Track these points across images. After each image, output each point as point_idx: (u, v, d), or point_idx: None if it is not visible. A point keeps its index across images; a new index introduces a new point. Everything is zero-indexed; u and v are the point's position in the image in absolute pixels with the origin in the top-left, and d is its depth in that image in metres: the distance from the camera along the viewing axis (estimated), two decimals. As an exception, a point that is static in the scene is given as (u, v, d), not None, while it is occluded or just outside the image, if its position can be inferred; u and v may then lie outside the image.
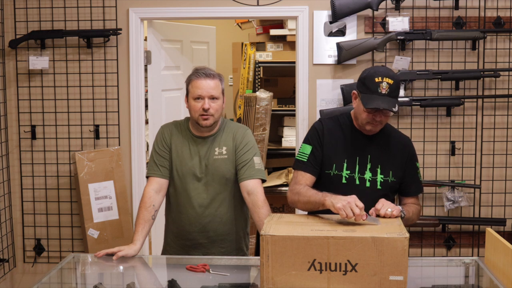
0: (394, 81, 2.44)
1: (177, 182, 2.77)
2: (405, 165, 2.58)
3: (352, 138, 2.57)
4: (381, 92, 2.42)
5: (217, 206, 2.76)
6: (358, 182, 2.54)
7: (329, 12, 3.61)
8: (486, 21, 3.57)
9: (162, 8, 3.69)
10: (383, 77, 2.43)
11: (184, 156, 2.76)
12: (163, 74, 4.15)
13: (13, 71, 3.75)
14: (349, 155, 2.55)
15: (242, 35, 5.79)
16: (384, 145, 2.58)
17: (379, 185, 2.53)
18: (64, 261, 2.55)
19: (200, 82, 2.67)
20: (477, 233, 3.69)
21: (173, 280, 2.28)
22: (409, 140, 2.67)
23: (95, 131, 3.74)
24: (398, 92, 2.48)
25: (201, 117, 2.67)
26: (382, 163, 2.54)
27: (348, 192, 2.47)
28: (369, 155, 2.55)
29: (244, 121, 5.06)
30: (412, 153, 2.62)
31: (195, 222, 2.76)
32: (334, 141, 2.57)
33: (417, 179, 2.63)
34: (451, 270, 2.57)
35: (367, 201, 2.43)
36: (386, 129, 2.60)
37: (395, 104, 2.43)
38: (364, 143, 2.56)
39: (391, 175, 2.54)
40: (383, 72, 2.46)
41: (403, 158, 2.58)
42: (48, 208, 3.82)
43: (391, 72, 2.49)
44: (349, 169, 2.54)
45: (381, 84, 2.42)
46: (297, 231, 2.06)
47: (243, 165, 2.72)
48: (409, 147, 2.62)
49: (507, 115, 3.65)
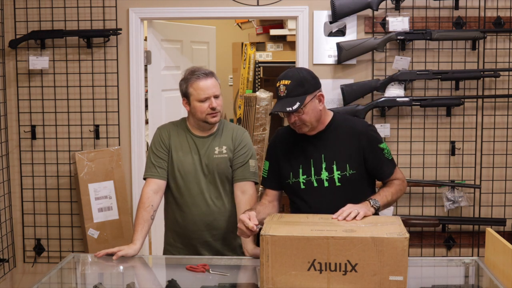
0: (292, 80, 2.43)
1: (180, 182, 2.78)
2: (363, 152, 2.49)
3: (303, 143, 2.55)
4: (280, 95, 2.44)
5: (220, 204, 2.79)
6: (316, 184, 2.50)
7: (329, 12, 3.61)
8: (486, 21, 3.57)
9: (162, 8, 3.69)
10: (280, 80, 2.45)
11: (185, 156, 2.77)
12: (163, 74, 4.15)
13: (13, 71, 3.75)
14: (303, 160, 2.53)
15: (242, 35, 5.79)
16: (335, 140, 2.52)
17: (337, 182, 2.48)
18: (64, 261, 2.55)
19: (203, 83, 2.69)
20: (477, 233, 3.69)
21: (173, 280, 2.28)
22: (363, 126, 2.56)
23: (95, 131, 3.74)
24: (300, 89, 2.42)
25: (210, 115, 2.71)
26: (336, 159, 2.49)
27: (309, 197, 2.51)
28: (323, 155, 2.51)
29: (244, 121, 5.06)
30: (369, 137, 2.51)
31: (199, 220, 2.77)
32: (287, 150, 2.58)
33: (385, 160, 2.52)
34: (451, 270, 2.57)
35: (329, 201, 2.43)
36: (337, 123, 2.55)
37: (294, 102, 2.40)
38: (314, 144, 2.52)
39: (348, 168, 2.48)
40: (282, 76, 2.47)
41: (358, 145, 2.49)
42: (48, 208, 3.81)
43: (291, 73, 2.47)
44: (305, 174, 2.52)
45: (279, 88, 2.45)
46: (297, 231, 2.06)
47: (238, 166, 2.77)
48: (364, 132, 2.51)
49: (507, 115, 3.65)
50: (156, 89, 4.06)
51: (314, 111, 2.45)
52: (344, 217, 2.23)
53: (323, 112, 2.52)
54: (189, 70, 2.76)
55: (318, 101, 2.47)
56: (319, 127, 2.51)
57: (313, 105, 2.45)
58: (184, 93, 2.76)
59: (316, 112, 2.46)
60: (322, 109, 2.49)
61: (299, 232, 2.05)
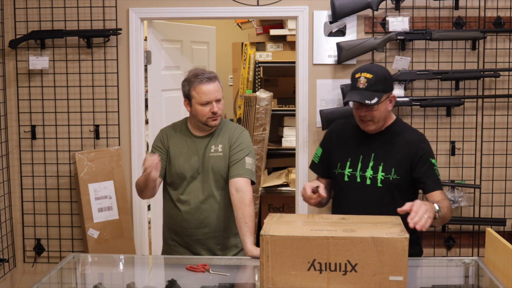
0: (374, 75, 2.49)
1: (176, 179, 2.84)
2: (412, 163, 2.55)
3: (358, 138, 2.63)
4: (359, 87, 2.49)
5: (213, 202, 2.82)
6: (359, 179, 2.58)
7: (329, 12, 3.61)
8: (486, 21, 3.57)
9: (162, 8, 3.69)
10: (362, 72, 2.52)
11: (183, 155, 2.83)
12: (163, 74, 4.15)
13: (13, 71, 3.75)
14: (353, 154, 2.61)
15: (242, 35, 5.79)
16: (390, 144, 2.59)
17: (379, 183, 2.55)
18: (64, 261, 2.55)
19: (206, 88, 2.73)
20: (477, 233, 3.69)
21: (173, 280, 2.28)
22: (420, 138, 2.63)
23: (95, 131, 3.74)
24: (380, 86, 2.49)
25: (210, 119, 2.76)
26: (384, 161, 2.56)
27: (350, 190, 2.57)
28: (373, 154, 2.58)
29: (244, 121, 5.07)
30: (422, 150, 2.57)
31: (191, 218, 2.81)
32: (342, 141, 2.67)
33: (433, 175, 2.56)
34: (451, 270, 2.57)
35: (367, 199, 2.49)
36: (397, 128, 2.63)
37: (373, 97, 2.46)
38: (369, 142, 2.61)
39: (393, 172, 2.54)
40: (364, 68, 2.55)
41: (410, 155, 2.55)
42: (48, 208, 3.82)
43: (375, 68, 2.54)
44: (351, 167, 2.59)
45: (359, 79, 2.50)
46: (297, 231, 2.06)
47: (234, 163, 2.78)
48: (419, 144, 2.59)
49: (507, 115, 3.65)
50: (156, 89, 4.06)
51: (385, 111, 2.55)
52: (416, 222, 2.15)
53: (389, 114, 2.62)
54: (192, 72, 2.78)
55: (389, 102, 2.57)
56: (380, 127, 2.60)
57: (385, 104, 2.54)
58: (186, 94, 2.80)
59: (386, 112, 2.56)
60: (390, 110, 2.59)
61: (299, 232, 2.05)
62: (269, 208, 5.05)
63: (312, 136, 3.69)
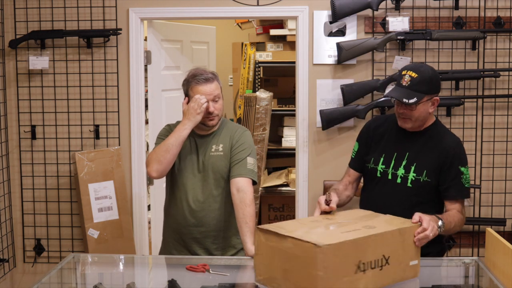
0: (420, 75, 2.49)
1: (177, 177, 2.85)
2: (443, 167, 2.54)
3: (395, 136, 2.64)
4: (402, 84, 2.50)
5: (212, 201, 2.82)
6: (390, 177, 2.59)
7: (329, 12, 3.61)
8: (486, 21, 3.57)
9: (162, 8, 3.69)
10: (408, 70, 2.52)
11: (184, 153, 2.83)
12: (163, 74, 4.15)
13: (13, 71, 3.75)
14: (387, 151, 2.63)
15: (242, 35, 5.79)
16: (425, 145, 2.59)
17: (409, 183, 2.55)
18: (64, 261, 2.55)
19: (202, 88, 2.75)
20: (477, 233, 3.69)
21: (173, 280, 2.28)
22: (454, 142, 2.61)
23: (95, 131, 3.74)
24: (423, 87, 2.48)
25: (207, 119, 2.77)
26: (418, 161, 2.56)
27: (380, 186, 2.60)
28: (407, 153, 2.58)
29: (244, 121, 5.07)
30: (455, 156, 2.56)
31: (190, 216, 2.82)
32: (378, 137, 2.68)
33: (458, 183, 2.55)
34: (451, 270, 2.57)
35: (396, 198, 2.50)
36: (435, 130, 2.62)
37: (413, 96, 2.46)
38: (405, 141, 2.61)
39: (425, 174, 2.54)
40: (412, 66, 2.55)
41: (442, 159, 2.54)
42: (48, 208, 3.82)
43: (423, 68, 2.54)
44: (384, 164, 2.62)
45: (404, 77, 2.51)
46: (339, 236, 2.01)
47: (235, 163, 2.78)
48: (453, 149, 2.56)
49: (507, 115, 3.65)
50: (156, 89, 4.06)
51: (424, 111, 2.53)
52: (419, 239, 2.19)
53: (429, 115, 2.59)
54: (191, 72, 2.81)
55: (431, 104, 2.55)
56: (418, 128, 2.59)
57: (426, 106, 2.53)
58: (185, 93, 2.84)
59: (425, 113, 2.54)
60: (431, 112, 2.57)
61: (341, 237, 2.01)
62: (269, 208, 5.05)
63: (312, 136, 3.69)
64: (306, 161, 3.69)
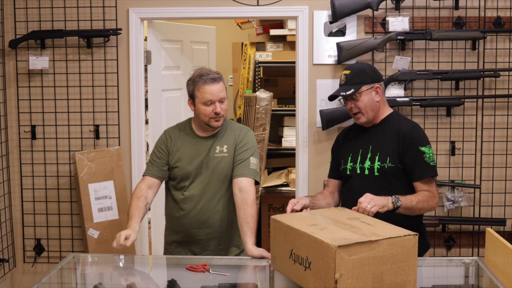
0: (352, 71, 2.71)
1: (179, 180, 2.84)
2: (403, 150, 2.64)
3: (358, 134, 2.79)
4: (340, 83, 2.74)
5: (216, 203, 2.81)
6: (359, 171, 2.71)
7: (329, 12, 3.61)
8: (486, 21, 3.57)
9: (162, 8, 3.69)
10: (343, 71, 2.75)
11: (187, 156, 2.82)
12: (163, 74, 4.15)
13: (13, 71, 3.75)
14: (353, 149, 2.77)
15: (242, 35, 5.79)
16: (385, 134, 2.71)
17: (376, 172, 2.66)
18: (64, 261, 2.55)
19: (209, 88, 2.74)
20: (477, 233, 3.69)
21: (173, 280, 2.28)
22: (412, 126, 2.70)
23: (95, 131, 3.74)
24: (357, 79, 2.67)
25: (213, 119, 2.78)
26: (381, 151, 2.68)
27: (352, 182, 2.72)
28: (371, 146, 2.71)
29: (244, 121, 5.06)
30: (413, 137, 2.65)
31: (194, 218, 2.81)
32: (346, 141, 2.84)
33: (421, 162, 2.63)
34: (451, 270, 2.57)
35: (368, 188, 2.56)
36: (391, 119, 2.74)
37: (349, 89, 2.66)
38: (366, 136, 2.76)
39: (388, 161, 2.65)
40: (346, 67, 2.77)
41: (401, 143, 2.64)
42: (48, 208, 3.82)
43: (355, 65, 2.82)
44: (352, 161, 2.75)
45: (340, 77, 2.75)
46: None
47: (238, 163, 2.79)
48: (409, 132, 2.66)
49: (507, 115, 3.65)
50: (156, 89, 4.06)
51: (370, 101, 2.68)
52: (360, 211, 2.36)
53: (381, 106, 2.74)
54: (197, 72, 2.80)
55: (375, 93, 2.69)
56: (375, 120, 2.73)
57: (369, 95, 2.68)
58: (190, 94, 2.82)
59: (372, 102, 2.69)
60: (379, 101, 2.71)
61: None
62: (269, 208, 5.05)
63: (312, 136, 3.69)
64: (306, 161, 3.69)
